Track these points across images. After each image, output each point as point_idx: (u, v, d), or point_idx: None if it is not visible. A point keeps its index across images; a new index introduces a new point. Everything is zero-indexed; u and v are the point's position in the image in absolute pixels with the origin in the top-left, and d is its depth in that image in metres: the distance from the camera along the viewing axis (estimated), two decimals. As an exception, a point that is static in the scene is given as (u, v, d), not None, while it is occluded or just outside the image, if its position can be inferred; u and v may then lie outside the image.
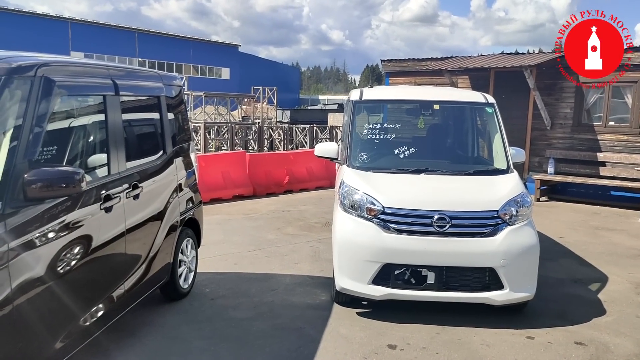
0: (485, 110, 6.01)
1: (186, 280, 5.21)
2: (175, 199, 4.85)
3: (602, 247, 7.59)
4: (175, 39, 52.90)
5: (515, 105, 11.84)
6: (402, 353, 4.16)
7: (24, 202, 2.79)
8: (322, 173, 12.39)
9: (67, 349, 3.19)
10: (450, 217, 4.58)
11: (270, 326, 4.59)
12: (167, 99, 4.92)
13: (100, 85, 3.80)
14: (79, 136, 3.74)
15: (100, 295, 3.63)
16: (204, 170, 9.96)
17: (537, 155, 12.15)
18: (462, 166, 5.70)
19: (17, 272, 2.71)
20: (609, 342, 4.45)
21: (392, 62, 14.73)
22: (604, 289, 5.77)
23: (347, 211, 4.86)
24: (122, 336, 4.25)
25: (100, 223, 3.54)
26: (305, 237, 7.79)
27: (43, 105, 3.01)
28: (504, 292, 4.58)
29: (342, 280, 4.74)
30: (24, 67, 2.99)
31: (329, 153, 6.06)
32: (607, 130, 11.34)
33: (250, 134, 24.50)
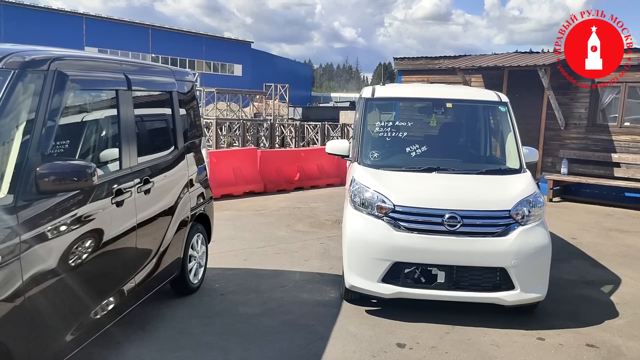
0: (499, 109, 5.95)
1: (196, 275, 5.23)
2: (186, 194, 4.86)
3: (615, 248, 7.50)
4: (188, 35, 53.14)
5: (529, 105, 11.73)
6: (411, 352, 4.14)
7: (37, 195, 2.81)
8: (333, 170, 12.37)
9: (78, 341, 3.22)
10: (461, 216, 4.54)
11: (279, 322, 4.59)
12: (179, 95, 4.93)
13: (113, 80, 3.81)
14: (91, 130, 3.76)
15: (111, 289, 3.65)
16: (215, 166, 9.99)
17: (550, 155, 12.03)
18: (474, 165, 5.66)
19: (28, 264, 2.73)
20: (621, 344, 4.39)
21: (404, 60, 14.66)
22: (616, 291, 5.71)
23: (357, 209, 4.85)
24: (133, 329, 4.28)
25: (112, 217, 3.56)
26: (315, 234, 7.78)
27: (56, 99, 3.03)
28: (515, 293, 4.54)
29: (351, 278, 4.73)
30: (37, 61, 3.01)
31: (340, 150, 6.04)
32: (622, 130, 11.20)
33: (261, 131, 24.55)
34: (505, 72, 12.25)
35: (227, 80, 51.11)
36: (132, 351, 3.95)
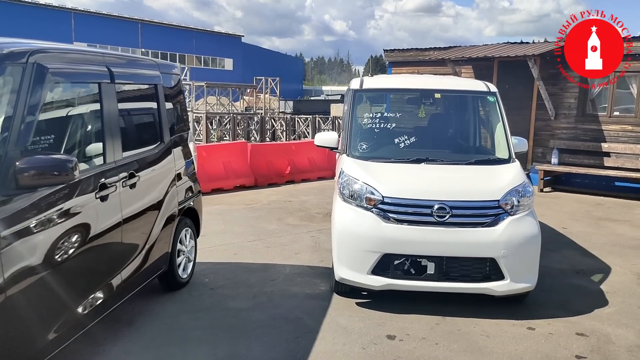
0: (487, 99, 5.93)
1: (185, 269, 5.18)
2: (174, 188, 4.81)
3: (605, 237, 7.53)
4: (178, 30, 52.73)
5: (519, 96, 11.73)
6: (401, 343, 4.12)
7: (16, 190, 2.75)
8: (324, 163, 12.33)
9: (61, 339, 3.16)
10: (450, 207, 4.53)
11: (269, 316, 4.56)
12: (165, 89, 4.87)
13: (95, 72, 3.74)
14: (73, 124, 3.69)
15: (96, 285, 3.60)
16: (205, 160, 9.93)
17: (540, 145, 12.05)
18: (463, 156, 5.64)
19: (9, 261, 2.68)
20: (611, 333, 4.40)
21: (394, 52, 14.61)
22: (606, 280, 5.72)
23: (346, 201, 4.82)
24: (119, 326, 4.23)
25: (96, 212, 3.50)
26: (305, 227, 7.76)
27: (35, 93, 2.97)
28: (505, 283, 4.54)
29: (341, 271, 4.71)
30: (15, 53, 2.95)
31: (329, 142, 6.01)
32: (611, 120, 11.23)
33: (252, 125, 24.44)
34: (495, 63, 12.24)
35: (218, 74, 50.79)
36: (119, 348, 3.90)
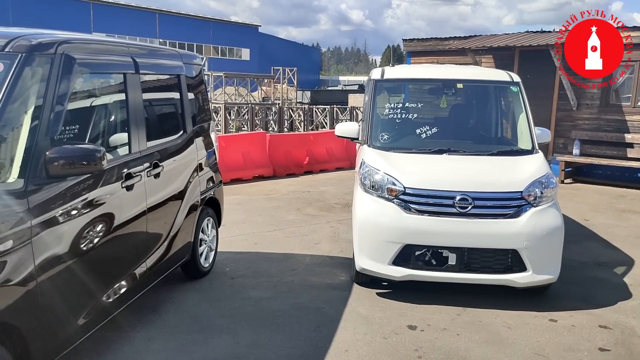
0: (510, 89, 5.86)
1: (207, 259, 5.24)
2: (196, 178, 4.86)
3: (628, 230, 7.43)
4: (195, 20, 52.81)
5: (541, 85, 11.55)
6: (422, 334, 4.13)
7: (47, 179, 2.80)
8: (342, 154, 12.32)
9: (90, 324, 3.24)
10: (472, 198, 4.50)
11: (289, 306, 4.60)
12: (187, 79, 4.90)
13: (121, 63, 3.78)
14: (99, 115, 3.75)
15: (122, 273, 3.66)
16: (224, 150, 9.98)
17: (562, 136, 11.88)
18: (485, 146, 5.59)
19: (40, 249, 2.73)
20: (635, 326, 4.36)
21: (414, 41, 14.49)
22: (629, 273, 5.66)
23: (367, 191, 4.82)
24: (144, 313, 4.30)
25: (122, 201, 3.55)
26: (324, 217, 7.77)
27: (64, 83, 3.01)
28: (527, 275, 4.51)
29: (362, 261, 4.72)
30: (44, 44, 2.99)
31: (349, 133, 6.00)
32: (636, 110, 11.03)
33: (270, 115, 24.49)
34: (516, 52, 12.07)
35: (234, 64, 50.85)
36: (143, 334, 3.97)
